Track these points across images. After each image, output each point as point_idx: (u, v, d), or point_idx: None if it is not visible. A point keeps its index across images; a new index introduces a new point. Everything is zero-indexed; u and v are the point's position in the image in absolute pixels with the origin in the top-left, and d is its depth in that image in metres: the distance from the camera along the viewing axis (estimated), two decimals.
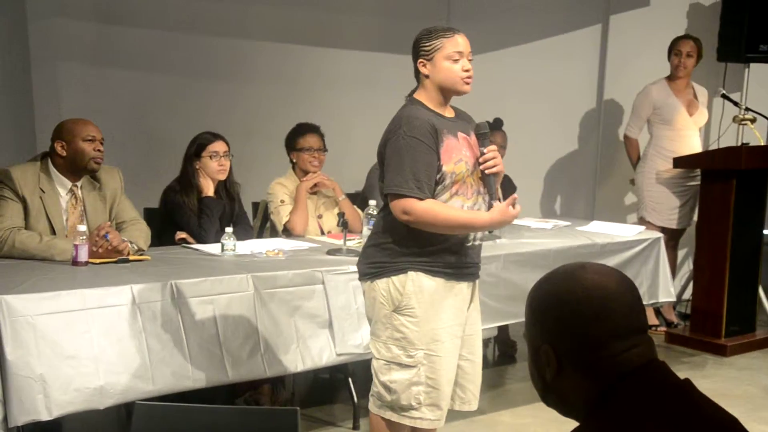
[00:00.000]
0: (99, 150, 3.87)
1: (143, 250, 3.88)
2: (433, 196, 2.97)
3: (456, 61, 2.98)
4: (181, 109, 5.53)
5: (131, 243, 3.80)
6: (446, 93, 3.04)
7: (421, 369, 2.99)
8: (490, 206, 3.06)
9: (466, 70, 2.99)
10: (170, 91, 5.58)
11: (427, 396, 3.01)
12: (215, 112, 5.53)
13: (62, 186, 3.87)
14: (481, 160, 3.02)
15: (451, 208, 2.97)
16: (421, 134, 2.92)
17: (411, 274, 2.98)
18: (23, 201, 3.75)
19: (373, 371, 3.08)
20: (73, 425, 3.89)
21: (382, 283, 3.01)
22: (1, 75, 5.12)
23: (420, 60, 3.02)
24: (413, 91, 3.10)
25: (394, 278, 2.99)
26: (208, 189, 4.38)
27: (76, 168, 3.87)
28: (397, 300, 2.99)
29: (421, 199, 2.90)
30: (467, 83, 3.01)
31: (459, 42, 2.99)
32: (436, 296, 3.00)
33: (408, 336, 2.99)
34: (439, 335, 3.00)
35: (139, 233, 3.92)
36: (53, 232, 3.79)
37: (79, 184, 3.91)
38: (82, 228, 3.57)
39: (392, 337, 3.01)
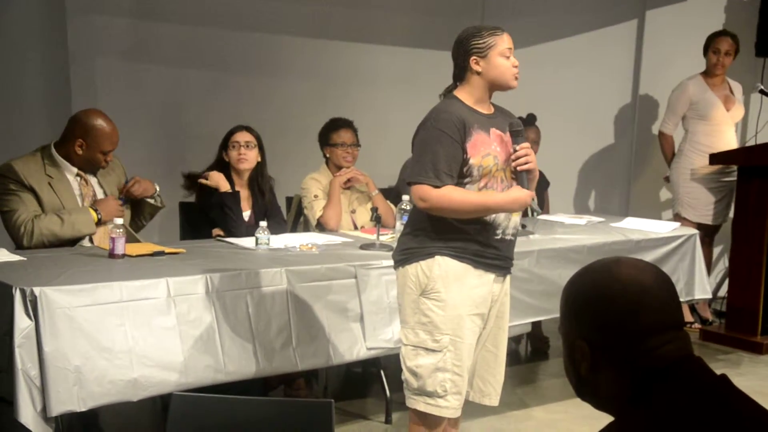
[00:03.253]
0: (108, 160, 4.01)
1: (162, 206, 4.25)
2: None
3: (508, 57, 3.06)
4: (216, 104, 5.57)
5: (156, 191, 4.16)
6: (495, 89, 3.10)
7: (447, 355, 3.02)
8: None
9: (516, 66, 3.08)
10: (205, 87, 5.62)
11: (453, 384, 3.04)
12: (250, 107, 5.57)
13: (69, 171, 3.95)
14: (512, 157, 3.05)
15: (465, 192, 2.99)
16: (446, 126, 2.97)
17: (438, 258, 3.02)
18: (32, 190, 3.82)
19: (401, 358, 3.11)
20: (110, 415, 3.94)
21: (411, 269, 3.06)
22: (40, 70, 5.19)
23: (473, 57, 3.06)
24: (448, 89, 3.15)
25: (422, 263, 3.03)
26: (225, 184, 4.37)
27: (83, 167, 3.98)
28: (424, 284, 3.02)
29: (437, 187, 2.94)
30: (517, 78, 3.09)
31: (507, 39, 3.08)
32: (463, 280, 3.02)
33: (434, 320, 3.01)
34: (464, 320, 3.03)
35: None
36: None
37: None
38: (119, 221, 3.61)
39: (420, 321, 3.04)
